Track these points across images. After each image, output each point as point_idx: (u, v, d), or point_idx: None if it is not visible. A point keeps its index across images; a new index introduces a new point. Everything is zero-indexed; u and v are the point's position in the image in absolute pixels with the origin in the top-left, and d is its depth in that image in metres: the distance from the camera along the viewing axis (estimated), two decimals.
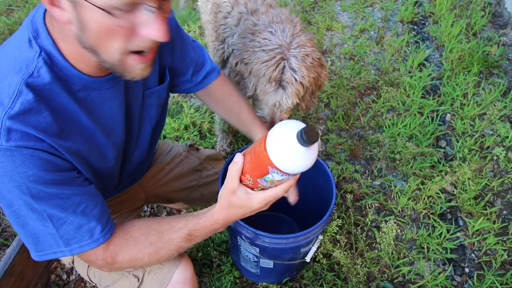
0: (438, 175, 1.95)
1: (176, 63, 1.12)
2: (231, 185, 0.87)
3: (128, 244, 0.89)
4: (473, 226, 1.77)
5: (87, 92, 0.83)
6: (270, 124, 1.41)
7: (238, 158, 0.86)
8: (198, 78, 1.20)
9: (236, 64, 1.41)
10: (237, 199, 0.87)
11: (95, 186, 0.90)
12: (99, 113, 0.88)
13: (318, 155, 0.84)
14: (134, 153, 1.10)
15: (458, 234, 1.78)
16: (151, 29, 0.70)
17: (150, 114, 1.07)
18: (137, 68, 0.77)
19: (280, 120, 1.32)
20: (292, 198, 1.13)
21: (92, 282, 1.15)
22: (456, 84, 2.40)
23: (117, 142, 0.97)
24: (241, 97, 1.27)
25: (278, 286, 1.58)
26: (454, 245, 1.73)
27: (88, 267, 1.13)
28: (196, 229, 0.91)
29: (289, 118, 1.46)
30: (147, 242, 0.89)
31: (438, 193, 1.89)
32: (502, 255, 1.69)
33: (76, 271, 1.62)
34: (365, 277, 1.56)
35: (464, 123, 2.21)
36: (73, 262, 1.17)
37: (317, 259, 1.50)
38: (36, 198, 0.77)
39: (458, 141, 2.13)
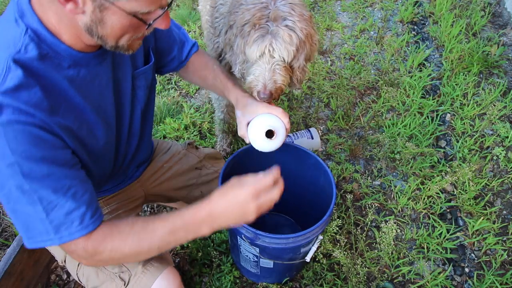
0: (438, 175, 1.95)
1: (159, 43, 1.16)
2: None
3: (112, 233, 0.87)
4: (473, 226, 1.77)
5: (78, 69, 0.86)
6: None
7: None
8: (183, 55, 1.25)
9: (225, 35, 1.28)
10: (225, 187, 0.91)
11: (92, 169, 0.93)
12: (89, 90, 0.90)
13: (318, 155, 0.86)
14: (127, 136, 1.12)
15: (458, 234, 1.78)
16: (160, 23, 0.83)
17: (139, 96, 1.10)
18: (137, 44, 0.89)
19: (272, 93, 1.20)
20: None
21: (80, 282, 1.14)
22: (456, 84, 2.40)
23: (108, 121, 0.99)
24: (216, 64, 1.29)
25: (278, 286, 1.58)
26: (454, 245, 1.73)
27: (78, 266, 1.12)
28: (181, 221, 0.88)
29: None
30: (132, 231, 0.87)
31: (438, 193, 1.89)
32: (502, 255, 1.69)
33: None
34: (365, 277, 1.56)
35: (464, 123, 2.21)
36: (64, 261, 1.17)
37: (317, 259, 1.51)
38: (27, 177, 0.77)
39: (458, 141, 2.13)
